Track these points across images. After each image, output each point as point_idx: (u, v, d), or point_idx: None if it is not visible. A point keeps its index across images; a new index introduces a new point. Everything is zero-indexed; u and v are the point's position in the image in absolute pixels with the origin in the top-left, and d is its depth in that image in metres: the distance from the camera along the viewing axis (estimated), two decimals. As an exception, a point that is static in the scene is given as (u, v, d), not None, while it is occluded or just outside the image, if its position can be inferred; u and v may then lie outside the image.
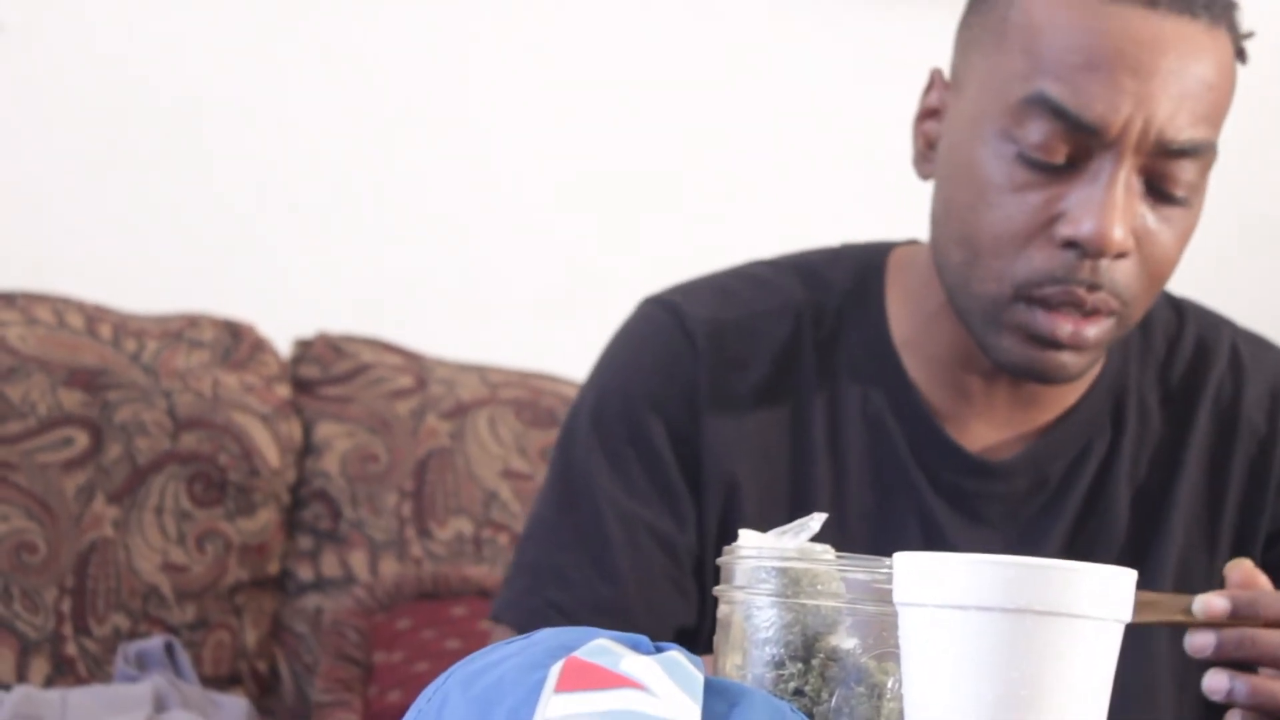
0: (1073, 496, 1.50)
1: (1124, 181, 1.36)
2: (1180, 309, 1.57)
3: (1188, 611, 1.24)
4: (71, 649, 1.91)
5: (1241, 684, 1.22)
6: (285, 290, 2.34)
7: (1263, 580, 1.21)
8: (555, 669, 0.91)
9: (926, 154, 1.48)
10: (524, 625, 1.46)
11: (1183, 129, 1.36)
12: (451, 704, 0.92)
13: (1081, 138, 1.36)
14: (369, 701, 1.94)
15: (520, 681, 0.91)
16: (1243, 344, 1.56)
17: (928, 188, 1.48)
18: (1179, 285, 1.53)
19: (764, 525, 1.13)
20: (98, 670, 1.90)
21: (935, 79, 1.48)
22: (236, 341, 2.12)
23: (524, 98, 2.46)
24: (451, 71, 2.45)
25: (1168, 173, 1.38)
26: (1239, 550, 1.51)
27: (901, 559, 1.03)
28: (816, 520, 1.11)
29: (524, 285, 2.42)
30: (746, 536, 1.12)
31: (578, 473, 1.50)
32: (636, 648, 0.93)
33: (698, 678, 0.92)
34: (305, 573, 2.05)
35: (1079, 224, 1.36)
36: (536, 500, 1.55)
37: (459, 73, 2.46)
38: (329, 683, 1.98)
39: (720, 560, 1.12)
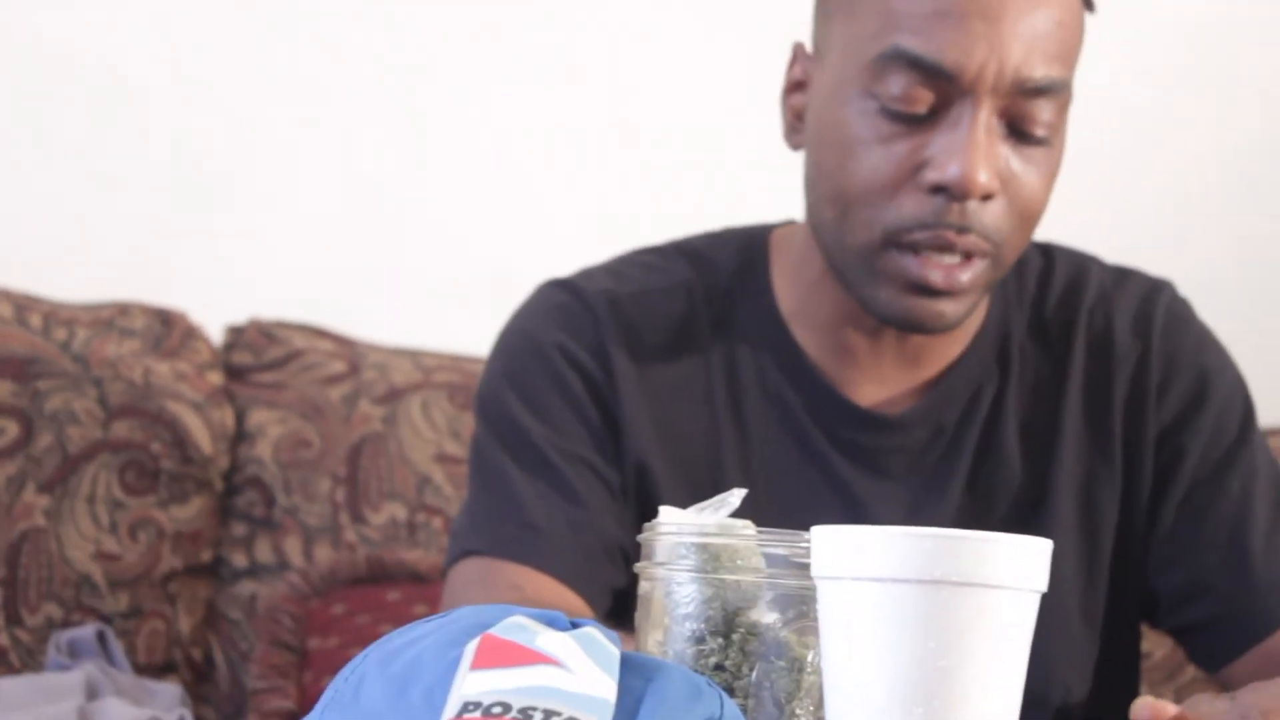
0: (967, 442, 1.54)
1: (984, 124, 1.41)
2: (1048, 252, 1.63)
3: None
4: (3, 639, 1.90)
5: None
6: (217, 277, 2.33)
7: (1169, 711, 1.20)
8: (471, 646, 0.91)
9: (795, 125, 1.53)
10: (503, 550, 1.47)
11: (1037, 68, 1.41)
12: (369, 683, 0.92)
13: (939, 85, 1.40)
14: (304, 687, 1.94)
15: (437, 659, 0.91)
16: (1109, 277, 1.62)
17: None
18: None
19: (676, 496, 1.14)
20: (30, 660, 1.90)
21: (798, 52, 1.54)
22: (168, 329, 2.11)
23: (454, 82, 2.46)
24: (383, 56, 2.45)
25: (1026, 113, 1.42)
26: (1132, 461, 1.54)
27: (819, 532, 1.04)
28: (736, 496, 1.12)
29: (458, 269, 2.41)
30: (666, 513, 1.12)
31: (506, 426, 1.53)
32: (553, 624, 0.93)
33: (614, 654, 0.92)
34: (239, 560, 2.04)
35: (944, 169, 1.40)
36: (471, 462, 1.57)
37: (390, 57, 2.45)
38: (264, 669, 1.97)
39: (641, 537, 1.13)
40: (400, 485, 2.07)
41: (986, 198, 1.42)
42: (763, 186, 2.45)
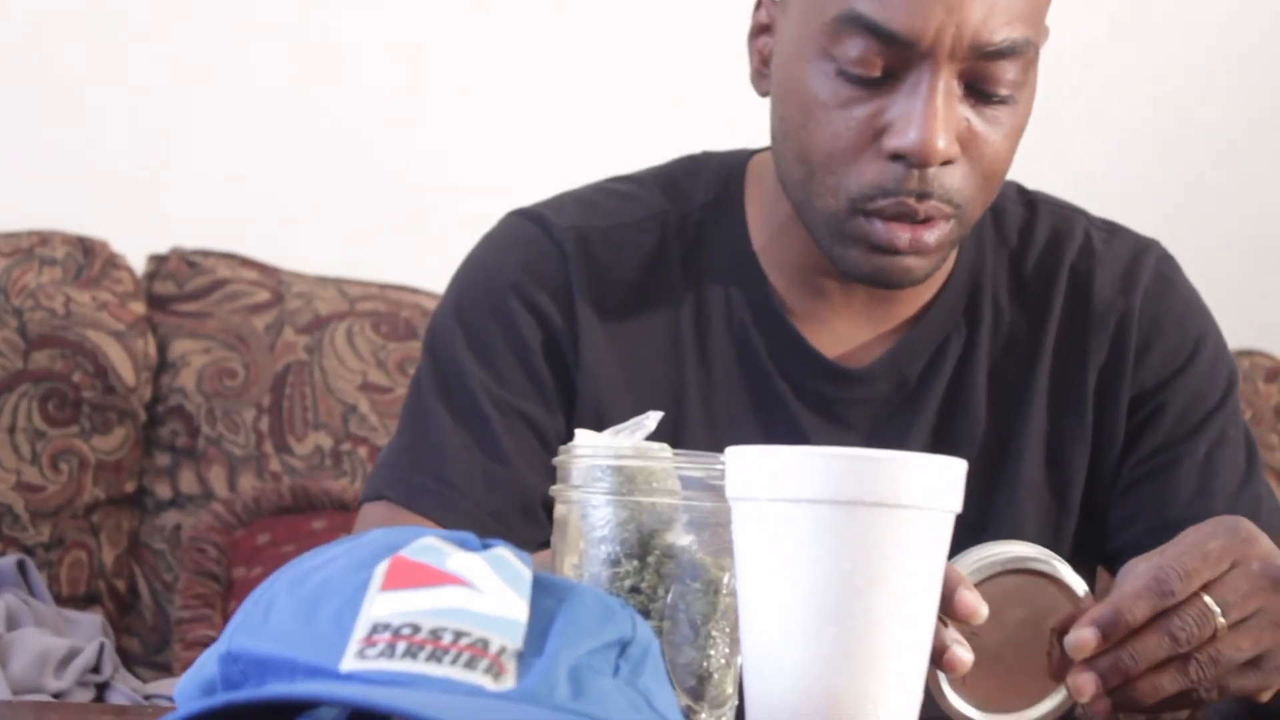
0: (932, 396, 1.52)
1: (943, 89, 1.37)
2: (1033, 202, 1.60)
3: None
4: (-76, 570, 1.88)
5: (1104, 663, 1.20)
6: (139, 206, 2.31)
7: (1091, 643, 1.20)
8: (381, 568, 0.90)
9: (762, 70, 1.49)
10: (412, 501, 1.47)
11: (997, 30, 1.37)
12: (278, 606, 0.91)
13: (896, 50, 1.37)
14: (229, 616, 1.93)
15: (347, 581, 0.90)
16: (1095, 230, 1.59)
17: None
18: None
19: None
20: (-49, 591, 1.88)
21: None
22: (89, 258, 2.09)
23: (382, 7, 2.43)
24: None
25: (988, 74, 1.38)
26: (1104, 420, 1.53)
27: (733, 453, 1.03)
28: (652, 419, 1.11)
29: (383, 197, 2.40)
30: (582, 436, 1.11)
31: (447, 364, 1.52)
32: (464, 545, 0.93)
33: (525, 574, 0.91)
34: (163, 490, 2.03)
35: (902, 136, 1.37)
36: (409, 393, 1.55)
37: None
38: (188, 599, 1.97)
39: (556, 460, 1.12)
40: (325, 415, 2.06)
41: (946, 163, 1.39)
42: (692, 111, 2.45)
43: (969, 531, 1.28)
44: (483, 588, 0.90)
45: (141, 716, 1.22)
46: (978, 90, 1.39)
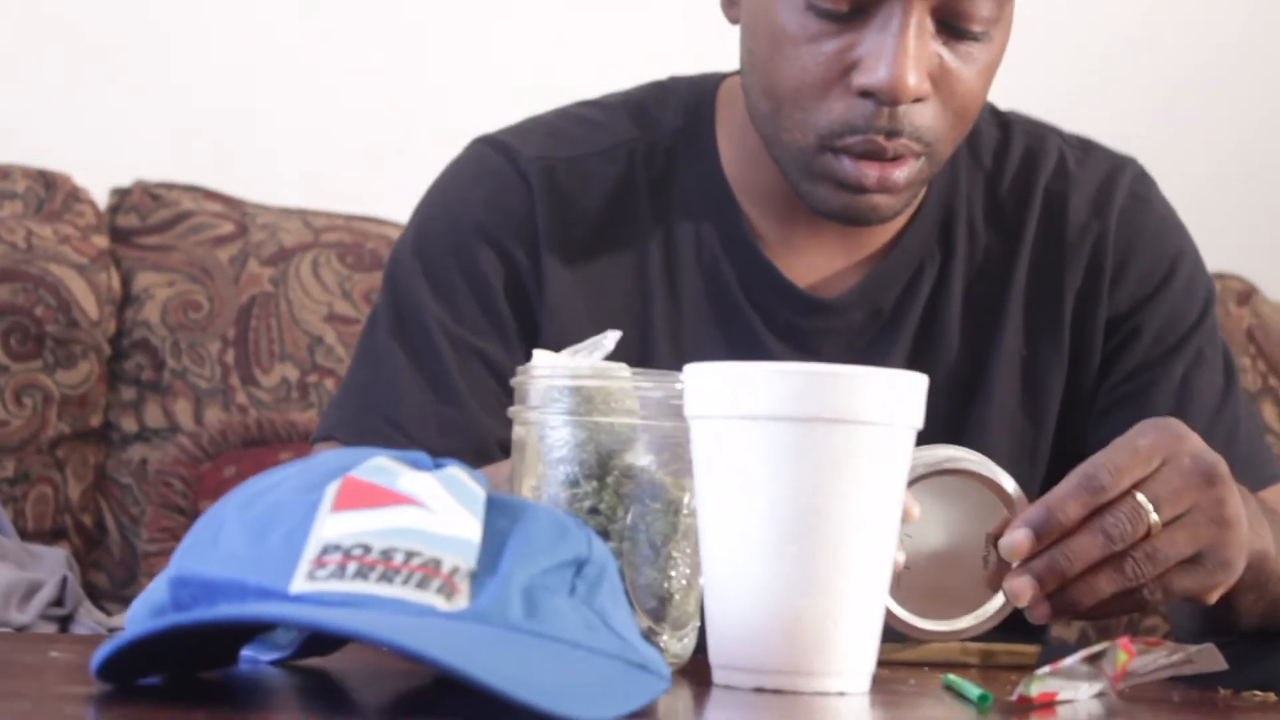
0: (906, 325, 1.50)
1: (915, 25, 1.34)
2: (1006, 124, 1.57)
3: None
4: (-114, 506, 1.87)
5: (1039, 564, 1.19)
6: (101, 138, 2.28)
7: (1026, 544, 1.18)
8: (331, 489, 0.89)
9: None
10: (361, 444, 1.44)
11: None
12: (228, 528, 0.90)
13: None
14: (196, 550, 1.92)
15: (297, 503, 0.89)
16: (1069, 149, 1.56)
17: None
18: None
19: None
20: (-86, 527, 1.87)
21: None
22: (50, 191, 2.07)
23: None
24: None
25: (962, 10, 1.36)
26: (1080, 343, 1.52)
27: (691, 371, 1.02)
28: (610, 338, 1.10)
29: (347, 127, 2.37)
30: (540, 356, 1.10)
31: (405, 300, 1.49)
32: (416, 465, 0.91)
33: (479, 494, 0.90)
34: (129, 424, 2.01)
35: (872, 72, 1.34)
36: (364, 328, 1.53)
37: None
38: (155, 532, 1.95)
39: (514, 381, 1.10)
40: (291, 346, 2.04)
41: (918, 100, 1.36)
42: (664, 30, 2.42)
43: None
44: (435, 507, 0.89)
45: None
46: (951, 26, 1.36)
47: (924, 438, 1.46)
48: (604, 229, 1.50)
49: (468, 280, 1.48)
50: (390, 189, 2.05)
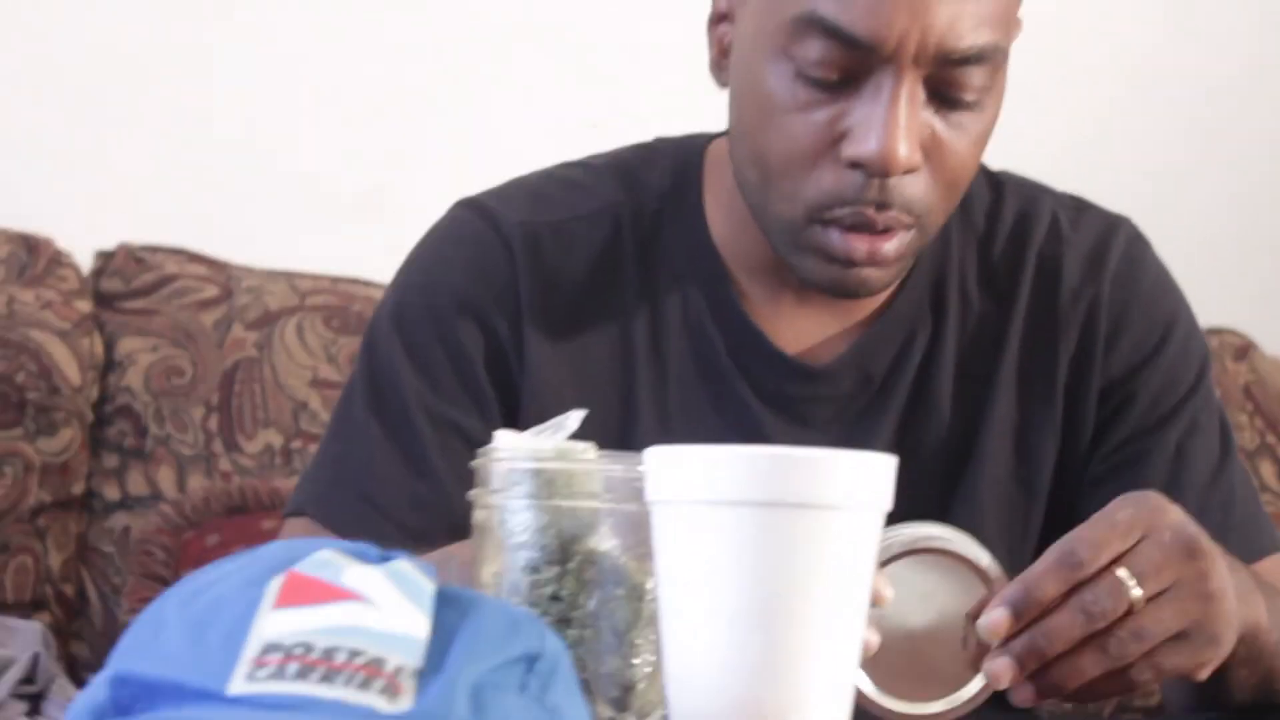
0: (897, 393, 1.47)
1: (906, 96, 1.31)
2: (998, 184, 1.54)
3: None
4: None
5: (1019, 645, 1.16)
6: (85, 201, 2.26)
7: (1005, 624, 1.15)
8: (274, 585, 0.86)
9: (721, 61, 1.42)
10: (333, 520, 1.42)
11: (964, 36, 1.30)
12: (169, 627, 0.87)
13: (857, 54, 1.30)
14: (177, 621, 1.89)
15: (239, 599, 0.86)
16: (1062, 211, 1.53)
17: None
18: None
19: (587, 437, 1.08)
20: (-110, 600, 1.85)
21: None
22: (33, 255, 2.05)
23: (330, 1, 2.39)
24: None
25: (954, 80, 1.33)
26: (1074, 410, 1.49)
27: (651, 454, 0.99)
28: (574, 418, 1.07)
29: (333, 188, 2.35)
30: (502, 438, 1.07)
31: (382, 372, 1.47)
32: (362, 558, 0.89)
33: (427, 588, 0.87)
34: (111, 492, 1.99)
35: (862, 144, 1.31)
36: (340, 400, 1.51)
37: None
38: (136, 602, 1.93)
39: (474, 463, 1.08)
40: (275, 412, 2.02)
41: (909, 171, 1.33)
42: (641, 99, 2.40)
43: (930, 527, 1.24)
44: (380, 603, 0.86)
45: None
46: (942, 96, 1.33)
47: (915, 506, 1.44)
48: (588, 295, 1.47)
49: (447, 353, 1.45)
50: (376, 246, 2.03)
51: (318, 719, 0.80)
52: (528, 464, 1.04)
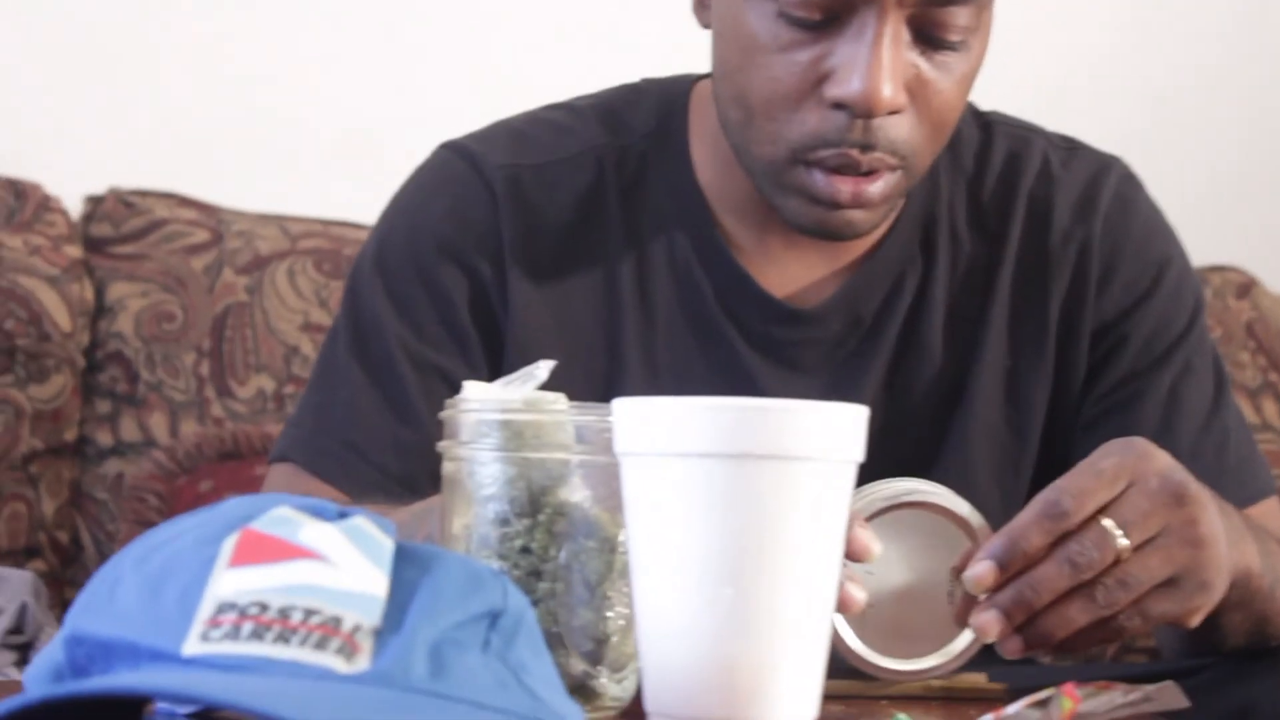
0: (887, 334, 1.45)
1: (890, 35, 1.28)
2: (988, 125, 1.51)
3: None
4: None
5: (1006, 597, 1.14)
6: (73, 145, 2.24)
7: (990, 577, 1.13)
8: (229, 543, 0.85)
9: (704, 1, 1.40)
10: (317, 466, 1.41)
11: None
12: (124, 585, 0.86)
13: None
14: (170, 568, 1.88)
15: (194, 557, 0.85)
16: (1053, 151, 1.51)
17: None
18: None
19: (573, 385, 1.07)
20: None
21: None
22: (21, 201, 2.03)
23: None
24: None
25: (939, 20, 1.30)
26: (1065, 352, 1.47)
27: (619, 405, 0.98)
28: (543, 368, 1.05)
29: (324, 131, 2.33)
30: (471, 389, 1.06)
31: (365, 316, 1.45)
32: (319, 515, 0.87)
33: (386, 545, 0.86)
34: (104, 438, 1.98)
35: (845, 84, 1.29)
36: (325, 343, 1.49)
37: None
38: (129, 550, 1.92)
39: (443, 415, 1.06)
40: (267, 357, 2.00)
41: (893, 112, 1.31)
42: (640, 36, 2.38)
43: (920, 473, 1.22)
44: (337, 561, 0.84)
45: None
46: (927, 36, 1.31)
47: (905, 449, 1.43)
48: (572, 239, 1.45)
49: (430, 296, 1.44)
50: (368, 189, 2.01)
51: (272, 680, 0.79)
52: (496, 415, 1.03)
